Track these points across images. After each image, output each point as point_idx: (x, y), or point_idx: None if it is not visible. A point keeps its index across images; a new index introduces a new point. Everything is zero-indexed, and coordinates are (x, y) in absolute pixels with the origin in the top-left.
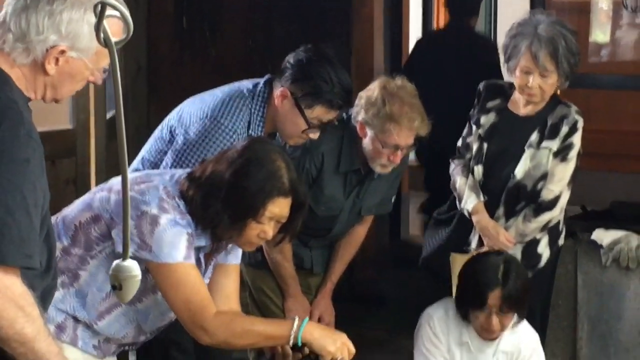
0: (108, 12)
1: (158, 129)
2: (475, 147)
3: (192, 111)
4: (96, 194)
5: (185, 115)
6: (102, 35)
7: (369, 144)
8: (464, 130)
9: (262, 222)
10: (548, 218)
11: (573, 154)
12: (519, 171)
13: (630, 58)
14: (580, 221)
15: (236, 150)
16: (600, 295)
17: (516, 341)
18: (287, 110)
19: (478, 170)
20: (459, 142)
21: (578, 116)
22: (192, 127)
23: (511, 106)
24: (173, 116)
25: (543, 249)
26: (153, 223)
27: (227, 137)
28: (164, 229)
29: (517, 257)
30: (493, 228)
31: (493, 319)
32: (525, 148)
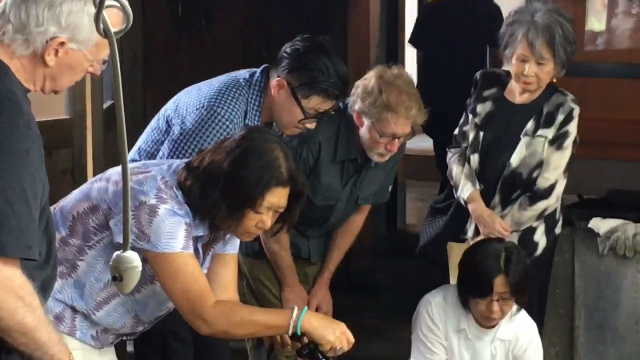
0: (107, 3)
1: (154, 119)
2: (471, 136)
3: (189, 101)
4: (94, 184)
5: (182, 105)
6: (102, 25)
7: (366, 133)
8: (461, 119)
9: (260, 212)
10: (544, 206)
11: (569, 142)
12: (515, 159)
13: (626, 46)
14: (577, 209)
15: (234, 140)
16: (597, 283)
17: (514, 330)
18: (284, 100)
19: (474, 159)
20: (456, 131)
21: (574, 104)
22: (189, 117)
23: (507, 95)
24: (170, 106)
25: (539, 237)
26: (151, 213)
27: (224, 127)
28: (162, 219)
29: None
30: (489, 216)
31: (494, 306)
32: (521, 136)
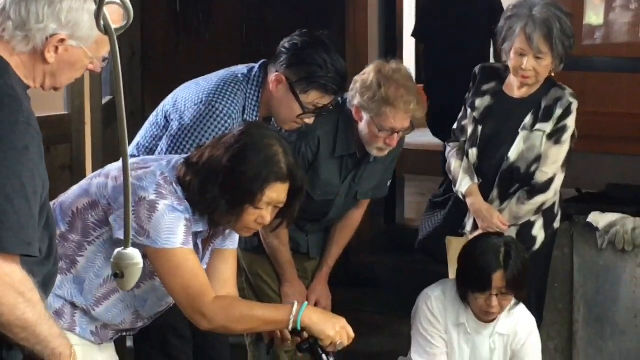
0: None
1: (153, 115)
2: (470, 130)
3: (187, 96)
4: (93, 180)
5: (180, 100)
6: (103, 22)
7: (365, 128)
8: (460, 113)
9: (260, 208)
10: (542, 200)
11: (567, 137)
12: (513, 153)
13: (624, 40)
14: (575, 204)
15: (233, 135)
16: (596, 277)
17: (513, 324)
18: (282, 95)
19: (472, 153)
20: (455, 125)
21: (572, 99)
22: (187, 113)
23: (506, 89)
24: (168, 102)
25: (538, 232)
26: (151, 209)
27: (222, 122)
28: (162, 215)
29: None
30: (487, 210)
31: (493, 301)
32: (519, 130)
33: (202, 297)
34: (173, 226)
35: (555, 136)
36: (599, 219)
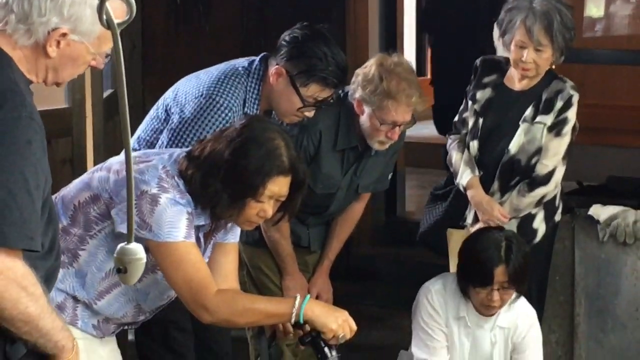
0: None
1: (154, 108)
2: (471, 123)
3: (188, 90)
4: (95, 174)
5: (180, 93)
6: (105, 16)
7: (367, 121)
8: (461, 106)
9: (262, 201)
10: (542, 193)
11: (567, 129)
12: (513, 146)
13: (624, 32)
14: (576, 196)
15: (235, 129)
16: (597, 270)
17: (513, 317)
18: (282, 88)
19: (473, 145)
20: (456, 118)
21: (573, 91)
22: (188, 106)
23: (507, 82)
24: (169, 95)
25: (539, 224)
26: (153, 202)
27: (223, 116)
28: (164, 208)
29: None
30: (487, 203)
31: (494, 295)
32: (520, 123)
33: (205, 291)
34: (175, 220)
35: (556, 129)
36: (600, 212)
